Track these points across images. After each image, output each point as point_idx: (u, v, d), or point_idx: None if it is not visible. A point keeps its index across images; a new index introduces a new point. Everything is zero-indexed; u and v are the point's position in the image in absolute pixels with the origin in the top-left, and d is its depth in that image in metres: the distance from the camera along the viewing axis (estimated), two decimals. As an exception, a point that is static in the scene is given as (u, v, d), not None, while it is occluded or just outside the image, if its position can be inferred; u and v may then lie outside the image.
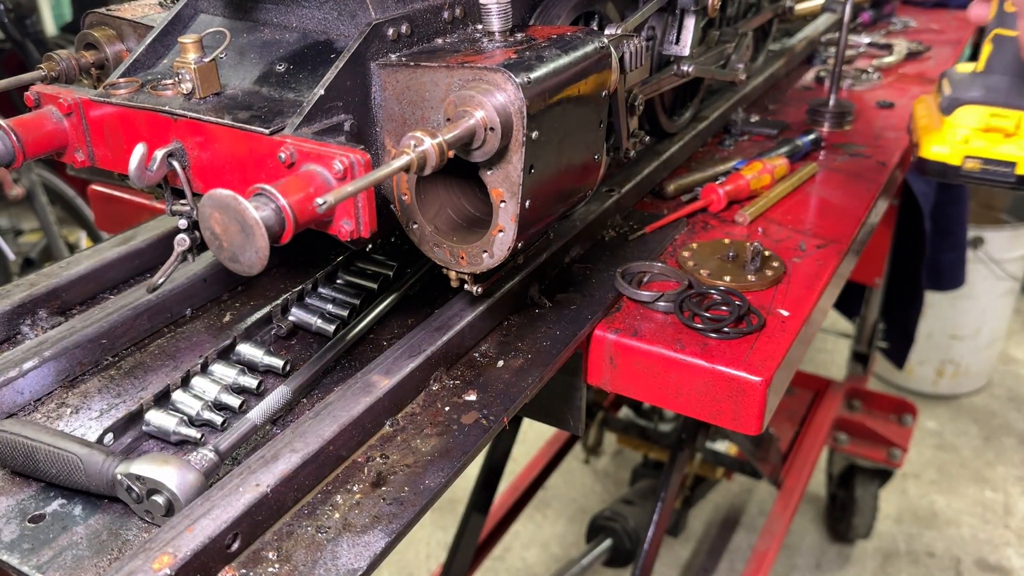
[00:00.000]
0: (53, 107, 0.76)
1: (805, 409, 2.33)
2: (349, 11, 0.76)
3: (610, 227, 1.14)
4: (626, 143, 1.07)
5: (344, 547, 0.66)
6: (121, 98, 0.74)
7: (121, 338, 0.89)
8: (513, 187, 0.70)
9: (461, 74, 0.69)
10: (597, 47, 0.77)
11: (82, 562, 0.64)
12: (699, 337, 0.92)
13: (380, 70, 0.73)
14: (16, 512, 0.69)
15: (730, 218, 1.19)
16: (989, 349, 3.14)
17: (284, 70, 0.76)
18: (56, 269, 0.98)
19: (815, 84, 1.78)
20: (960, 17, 2.16)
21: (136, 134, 0.73)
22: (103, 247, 1.03)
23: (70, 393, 0.84)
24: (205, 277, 0.97)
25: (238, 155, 0.68)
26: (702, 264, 1.05)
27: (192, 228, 0.77)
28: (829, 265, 1.07)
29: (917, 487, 2.83)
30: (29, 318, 0.92)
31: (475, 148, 0.67)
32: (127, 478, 0.66)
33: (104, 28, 0.89)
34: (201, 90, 0.72)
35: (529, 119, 0.67)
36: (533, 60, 0.70)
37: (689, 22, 1.11)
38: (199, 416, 0.78)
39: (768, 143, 1.43)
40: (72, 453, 0.69)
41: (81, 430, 0.78)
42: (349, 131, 0.72)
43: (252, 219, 0.56)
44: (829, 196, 1.27)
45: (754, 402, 0.88)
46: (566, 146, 0.75)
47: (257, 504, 0.65)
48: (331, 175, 0.62)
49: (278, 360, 0.85)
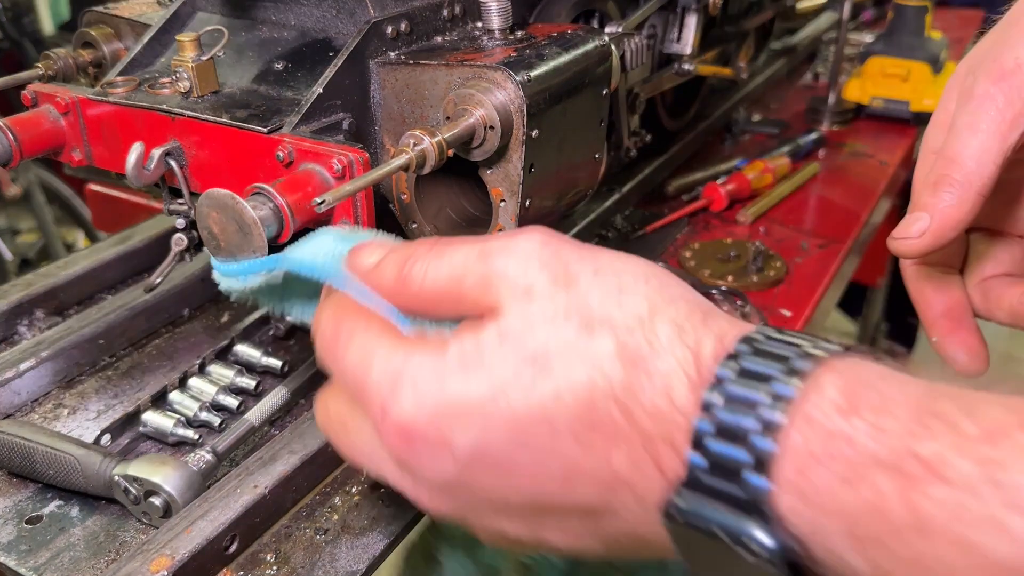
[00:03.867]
0: (50, 106, 0.76)
1: (806, 409, 2.32)
2: (348, 9, 0.76)
3: (611, 226, 1.14)
4: (627, 142, 1.07)
5: (343, 549, 0.66)
6: (118, 97, 0.73)
7: (119, 338, 0.89)
8: (513, 186, 0.69)
9: (461, 72, 0.69)
10: (598, 45, 0.76)
11: (79, 564, 0.64)
12: (700, 337, 0.92)
13: (379, 68, 0.73)
14: (13, 513, 0.69)
15: (732, 218, 1.18)
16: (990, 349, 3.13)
17: (282, 68, 0.76)
18: (53, 269, 0.98)
19: (816, 82, 1.77)
20: (962, 15, 2.15)
21: (133, 133, 0.73)
22: (100, 247, 1.03)
23: (67, 394, 0.83)
24: (203, 277, 0.97)
25: (236, 154, 0.68)
26: (704, 264, 1.04)
27: (190, 227, 0.76)
28: (831, 265, 1.07)
29: (919, 487, 2.82)
30: (26, 318, 0.92)
31: (475, 147, 0.67)
32: (124, 479, 0.66)
33: (102, 26, 0.89)
34: (199, 89, 0.71)
35: (529, 118, 0.67)
36: (533, 58, 0.69)
37: (690, 20, 1.10)
38: (197, 417, 0.77)
39: (770, 142, 1.43)
40: (69, 454, 0.68)
41: (78, 431, 0.78)
42: (348, 130, 0.72)
43: (250, 218, 0.56)
44: (831, 195, 1.27)
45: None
46: (566, 145, 0.75)
47: (255, 506, 0.65)
48: (330, 174, 0.61)
49: (276, 361, 0.85)
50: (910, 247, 0.59)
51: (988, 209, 0.59)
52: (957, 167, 0.57)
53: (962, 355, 0.65)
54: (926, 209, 0.58)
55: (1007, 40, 0.57)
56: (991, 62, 0.57)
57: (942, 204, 0.57)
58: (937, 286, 0.66)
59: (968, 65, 0.60)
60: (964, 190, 0.56)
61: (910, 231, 0.59)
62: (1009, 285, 0.65)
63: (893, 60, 1.49)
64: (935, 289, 0.66)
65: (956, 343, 0.65)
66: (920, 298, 0.67)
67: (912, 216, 0.59)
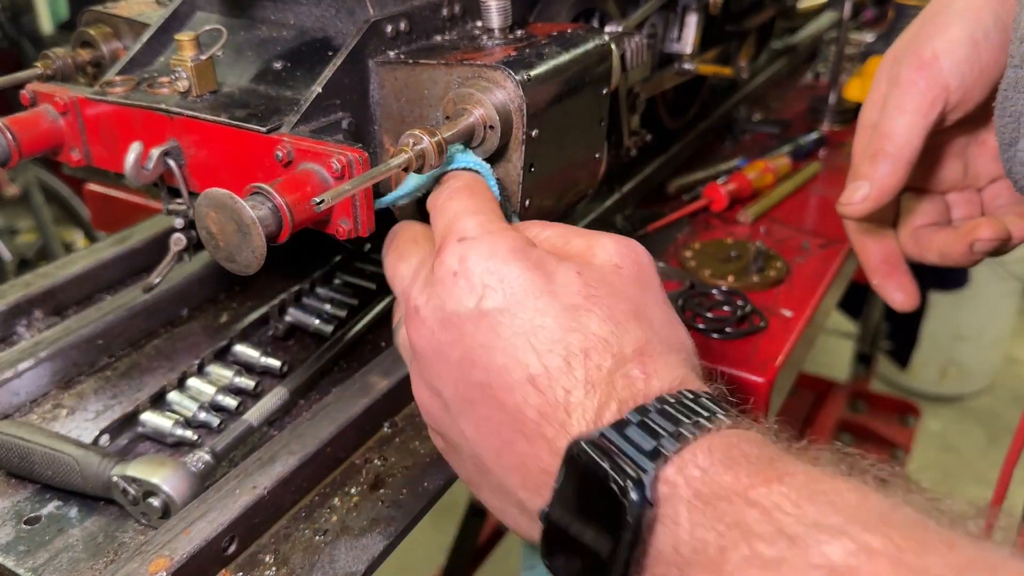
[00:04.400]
0: (49, 105, 0.75)
1: (808, 410, 2.32)
2: (347, 8, 0.75)
3: (611, 226, 1.13)
4: (627, 141, 1.07)
5: (342, 550, 0.65)
6: (117, 96, 0.73)
7: (117, 339, 0.88)
8: (513, 186, 0.69)
9: (460, 71, 0.69)
10: (598, 45, 0.76)
11: (78, 565, 0.64)
12: (701, 338, 0.92)
13: (378, 67, 0.73)
14: (12, 514, 0.68)
15: (732, 217, 1.18)
16: (993, 350, 3.13)
17: (281, 68, 0.76)
18: (52, 269, 0.98)
19: (817, 82, 1.77)
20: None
21: (132, 132, 0.72)
22: (99, 247, 1.03)
23: (66, 394, 0.83)
24: (202, 277, 0.96)
25: (235, 153, 0.68)
26: (704, 264, 1.04)
27: (188, 227, 0.76)
28: (832, 265, 1.06)
29: (920, 488, 2.82)
30: (25, 318, 0.92)
31: (474, 146, 0.67)
32: (123, 480, 0.66)
33: (100, 26, 0.88)
34: (198, 88, 0.71)
35: (529, 117, 0.66)
36: (533, 57, 0.69)
37: (691, 19, 1.10)
38: (195, 418, 0.77)
39: (770, 142, 1.43)
40: (68, 455, 0.68)
41: (77, 431, 0.78)
42: (347, 129, 0.71)
43: (249, 218, 0.56)
44: (832, 195, 1.26)
45: (757, 403, 0.87)
46: (567, 144, 0.74)
47: (254, 506, 0.64)
48: (329, 174, 0.61)
49: (275, 361, 0.84)
50: (855, 210, 0.72)
51: (915, 173, 0.73)
52: (890, 141, 0.70)
53: (899, 295, 0.79)
54: (866, 178, 0.71)
55: (926, 33, 0.70)
56: (912, 53, 0.70)
57: (879, 173, 0.70)
58: (875, 239, 0.80)
59: (894, 54, 0.74)
60: (896, 160, 0.69)
61: (854, 197, 0.72)
62: (936, 232, 0.78)
63: None
64: (874, 241, 0.80)
65: (893, 285, 0.79)
66: (861, 249, 0.81)
67: (854, 184, 0.72)
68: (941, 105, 0.69)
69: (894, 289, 0.79)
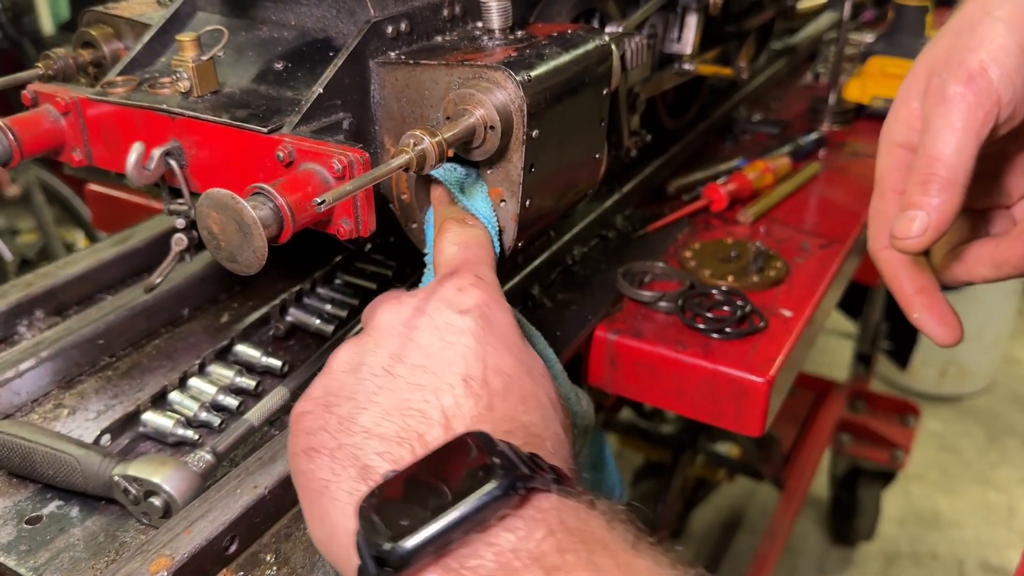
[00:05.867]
0: (50, 106, 0.76)
1: (807, 410, 2.32)
2: (348, 9, 0.76)
3: (611, 226, 1.14)
4: (627, 142, 1.07)
5: (343, 550, 0.65)
6: (118, 96, 0.73)
7: (118, 338, 0.89)
8: (513, 186, 0.69)
9: (461, 72, 0.69)
10: (598, 45, 0.76)
11: (79, 564, 0.64)
12: (701, 338, 0.92)
13: (379, 68, 0.73)
14: (13, 514, 0.69)
15: (732, 218, 1.18)
16: (993, 350, 3.13)
17: (282, 68, 0.76)
18: (53, 269, 0.98)
19: (817, 82, 1.77)
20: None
21: (133, 133, 0.73)
22: (100, 247, 1.03)
23: (67, 394, 0.83)
24: (203, 277, 0.97)
25: (236, 154, 0.68)
26: (704, 264, 1.04)
27: (190, 227, 0.76)
28: (832, 265, 1.06)
29: (920, 489, 2.82)
30: (26, 318, 0.92)
31: (475, 147, 0.67)
32: (124, 480, 0.66)
33: (102, 26, 0.89)
34: (199, 88, 0.71)
35: (529, 118, 0.66)
36: (533, 58, 0.69)
37: (691, 20, 1.10)
38: (196, 417, 0.77)
39: (770, 142, 1.43)
40: (69, 454, 0.68)
41: (78, 431, 0.78)
42: (348, 129, 0.71)
43: (250, 218, 0.56)
44: (832, 195, 1.27)
45: (756, 403, 0.87)
46: (567, 145, 0.75)
47: (255, 506, 0.64)
48: (330, 174, 0.61)
49: (276, 361, 0.85)
50: (914, 244, 0.63)
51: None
52: (941, 164, 0.62)
53: (942, 329, 0.72)
54: (920, 207, 0.63)
55: (968, 44, 0.62)
56: (956, 65, 0.62)
57: (935, 201, 0.62)
58: (908, 268, 0.72)
59: (928, 66, 0.65)
60: (951, 185, 0.62)
61: (911, 230, 0.63)
62: (980, 245, 0.72)
63: (894, 60, 1.49)
64: (907, 271, 0.72)
65: (936, 319, 0.72)
66: (893, 279, 0.73)
67: (908, 214, 0.63)
68: (993, 120, 0.62)
69: (937, 323, 0.72)
